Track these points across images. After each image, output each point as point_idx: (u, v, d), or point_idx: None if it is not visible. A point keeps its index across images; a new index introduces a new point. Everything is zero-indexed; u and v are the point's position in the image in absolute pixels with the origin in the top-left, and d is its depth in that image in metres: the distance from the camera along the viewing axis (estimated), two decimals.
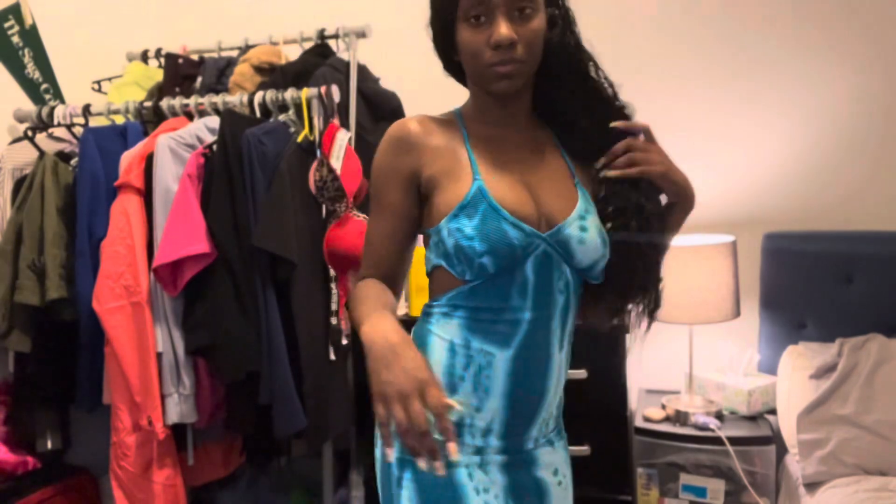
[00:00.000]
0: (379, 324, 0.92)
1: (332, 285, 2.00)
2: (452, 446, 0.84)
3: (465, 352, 1.04)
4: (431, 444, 0.82)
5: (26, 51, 2.50)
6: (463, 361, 1.04)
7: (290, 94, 1.99)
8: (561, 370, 1.10)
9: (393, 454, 1.05)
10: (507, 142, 1.10)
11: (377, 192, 1.11)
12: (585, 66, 1.11)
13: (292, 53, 2.31)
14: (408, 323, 1.15)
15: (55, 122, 2.22)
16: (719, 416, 2.09)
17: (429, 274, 1.12)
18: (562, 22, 1.09)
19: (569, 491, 1.17)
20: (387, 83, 2.29)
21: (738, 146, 2.38)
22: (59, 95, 2.59)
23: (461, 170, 1.06)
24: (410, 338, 0.94)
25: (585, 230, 1.05)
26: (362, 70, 2.18)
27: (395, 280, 1.12)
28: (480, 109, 1.12)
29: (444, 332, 1.06)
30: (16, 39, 2.48)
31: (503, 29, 0.99)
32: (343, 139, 1.95)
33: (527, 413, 1.07)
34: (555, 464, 1.14)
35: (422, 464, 0.83)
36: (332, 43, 2.30)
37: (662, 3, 2.43)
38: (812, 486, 1.80)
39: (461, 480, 1.03)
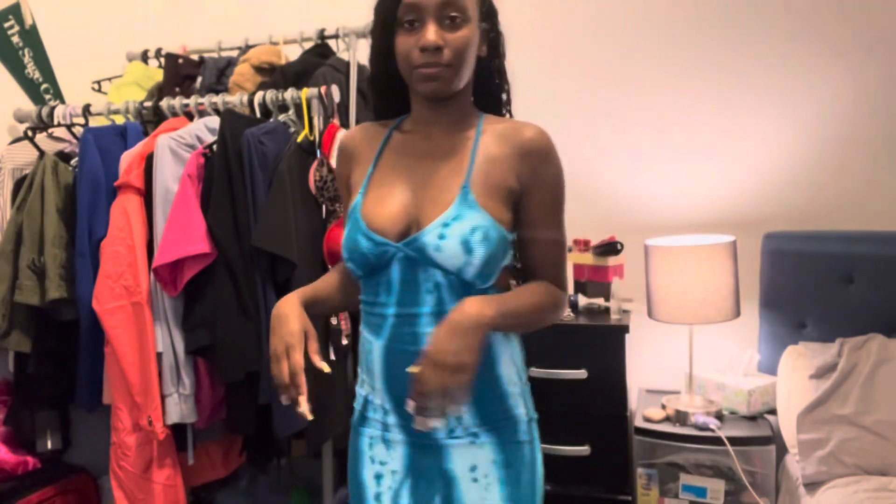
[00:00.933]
0: (285, 299, 1.17)
1: None
2: (302, 400, 1.09)
3: (362, 337, 1.20)
4: (291, 395, 1.09)
5: (26, 51, 2.51)
6: (361, 345, 1.20)
7: (290, 94, 1.99)
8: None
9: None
10: (417, 147, 1.19)
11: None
12: (503, 89, 1.24)
13: (292, 53, 2.31)
14: None
15: (55, 122, 2.22)
16: (719, 416, 2.09)
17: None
18: (489, 42, 1.19)
19: (491, 491, 1.13)
20: None
21: (738, 146, 2.38)
22: (59, 95, 2.59)
23: (360, 182, 1.19)
24: (301, 310, 1.15)
25: (444, 238, 1.09)
26: (362, 70, 2.18)
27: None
28: (414, 112, 1.22)
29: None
30: (16, 39, 2.49)
31: (430, 34, 1.08)
32: None
33: None
34: (473, 460, 1.14)
35: (284, 401, 1.09)
36: (332, 43, 2.30)
37: (663, 4, 2.43)
38: (812, 486, 1.80)
39: (362, 448, 1.20)
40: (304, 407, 1.09)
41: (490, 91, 1.23)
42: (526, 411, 1.19)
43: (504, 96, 1.24)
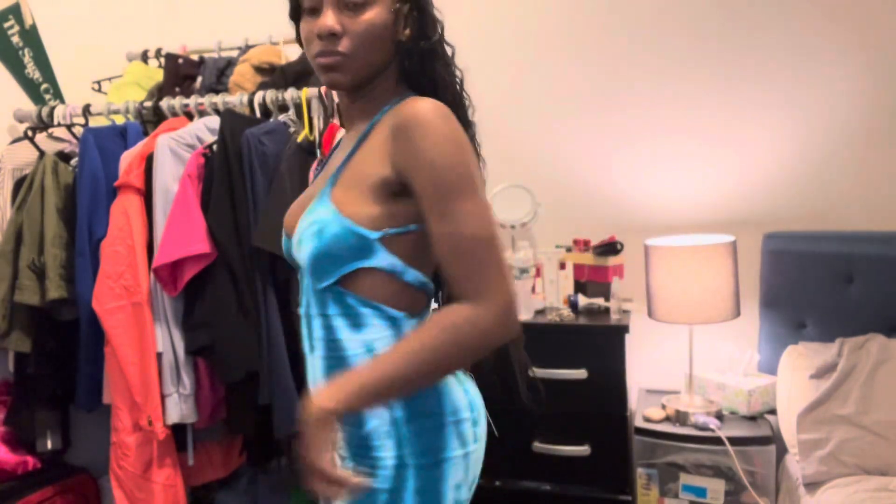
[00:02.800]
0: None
1: None
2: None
3: None
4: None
5: (26, 51, 2.51)
6: None
7: (290, 94, 1.99)
8: (315, 373, 1.05)
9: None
10: (342, 144, 1.15)
11: None
12: (436, 73, 1.07)
13: (292, 53, 2.31)
14: None
15: (55, 122, 2.22)
16: (719, 416, 2.09)
17: None
18: (414, 21, 1.05)
19: None
20: None
21: (738, 146, 2.38)
22: (59, 95, 2.59)
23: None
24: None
25: (300, 232, 1.03)
26: None
27: None
28: (339, 103, 1.15)
29: None
30: (16, 39, 2.48)
31: (326, 19, 0.99)
32: None
33: None
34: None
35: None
36: None
37: (663, 5, 2.43)
38: (812, 486, 1.80)
39: None
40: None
41: (423, 75, 1.07)
42: (396, 454, 0.99)
43: (439, 80, 1.07)
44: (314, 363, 1.06)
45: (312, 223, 1.00)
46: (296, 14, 1.08)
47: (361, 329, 1.01)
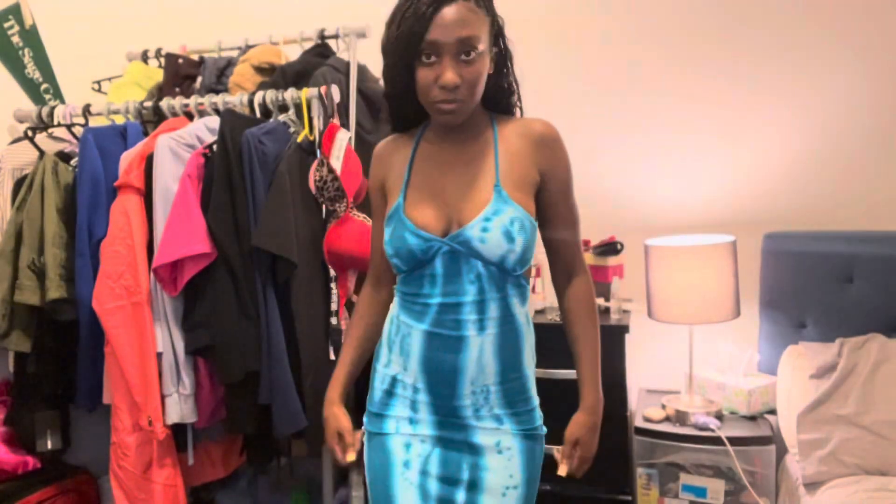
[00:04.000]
0: (329, 391, 1.39)
1: (332, 285, 2.00)
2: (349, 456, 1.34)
3: (397, 322, 1.32)
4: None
5: (26, 51, 2.51)
6: (395, 329, 1.32)
7: (290, 94, 1.99)
8: (483, 349, 1.25)
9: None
10: (445, 155, 1.31)
11: (372, 199, 1.40)
12: (509, 98, 1.36)
13: (292, 53, 2.31)
14: None
15: (55, 122, 2.22)
16: (719, 416, 2.09)
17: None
18: (500, 61, 1.29)
19: (514, 461, 1.28)
20: None
21: (738, 146, 2.39)
22: (59, 95, 2.59)
23: (398, 185, 1.31)
24: (334, 411, 1.37)
25: (487, 230, 1.22)
26: (362, 70, 2.18)
27: (388, 270, 1.37)
28: (434, 125, 1.33)
29: (393, 308, 1.36)
30: (16, 39, 2.48)
31: (449, 74, 1.17)
32: (343, 139, 1.95)
33: (446, 380, 1.26)
34: (498, 437, 1.28)
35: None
36: (332, 43, 2.30)
37: (664, 6, 2.43)
38: (812, 486, 1.80)
39: (386, 423, 1.32)
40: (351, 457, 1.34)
41: (497, 97, 1.33)
42: (536, 398, 1.33)
43: (513, 99, 1.36)
44: (482, 342, 1.25)
45: (514, 220, 1.22)
46: (404, 61, 1.21)
47: (525, 303, 1.30)
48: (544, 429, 1.33)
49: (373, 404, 1.35)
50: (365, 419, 1.37)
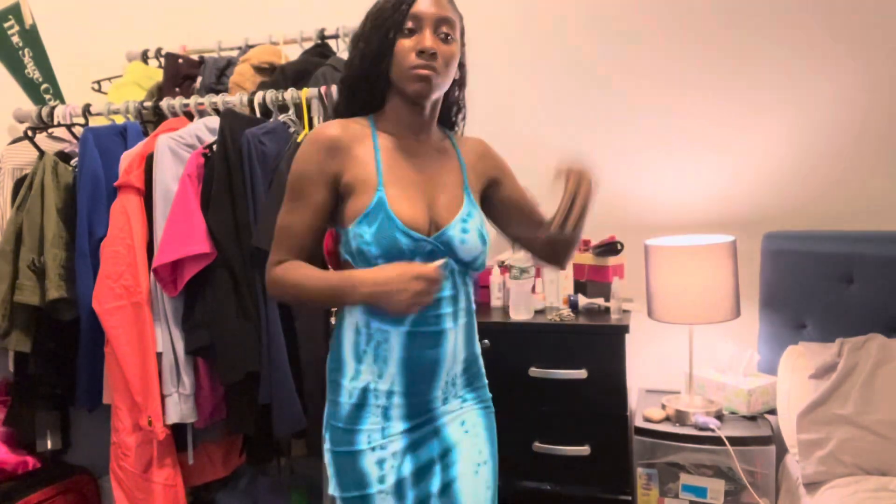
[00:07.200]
0: (358, 284, 1.19)
1: None
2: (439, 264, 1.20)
3: (366, 331, 1.27)
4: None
5: (26, 51, 2.51)
6: (364, 339, 1.28)
7: (290, 94, 2.00)
8: (457, 339, 1.31)
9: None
10: (412, 150, 1.31)
11: (301, 188, 1.28)
12: (457, 115, 1.43)
13: (292, 53, 2.31)
14: None
15: (55, 122, 2.22)
16: (719, 416, 2.09)
17: (341, 265, 1.32)
18: (459, 79, 1.37)
19: (479, 437, 1.35)
20: None
21: (738, 146, 2.39)
22: (59, 95, 2.59)
23: (369, 180, 1.24)
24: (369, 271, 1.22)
25: (466, 231, 1.28)
26: None
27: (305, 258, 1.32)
28: (396, 116, 1.31)
29: (352, 316, 1.29)
30: (16, 39, 2.49)
31: (428, 39, 1.22)
32: None
33: (426, 377, 1.28)
34: (462, 416, 1.35)
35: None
36: (332, 43, 2.30)
37: (664, 7, 2.43)
38: (812, 486, 1.80)
39: (359, 442, 1.27)
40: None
41: (448, 112, 1.40)
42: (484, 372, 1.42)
43: (459, 117, 1.43)
44: (456, 333, 1.30)
45: (482, 223, 1.33)
46: (385, 34, 1.24)
47: (472, 289, 1.37)
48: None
49: (339, 419, 1.28)
50: (327, 435, 1.31)
